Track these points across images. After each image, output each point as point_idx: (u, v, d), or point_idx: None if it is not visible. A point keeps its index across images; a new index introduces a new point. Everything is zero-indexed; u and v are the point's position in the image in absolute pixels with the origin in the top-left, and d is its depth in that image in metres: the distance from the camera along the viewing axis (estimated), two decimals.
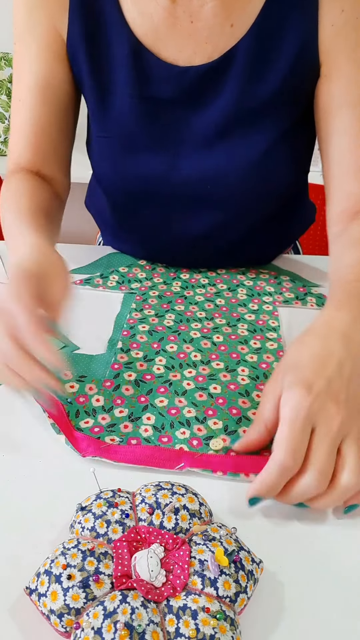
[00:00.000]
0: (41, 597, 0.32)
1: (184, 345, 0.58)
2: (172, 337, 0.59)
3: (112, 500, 0.37)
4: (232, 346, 0.58)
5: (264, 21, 0.55)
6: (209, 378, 0.53)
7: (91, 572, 0.32)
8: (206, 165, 0.61)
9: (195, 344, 0.58)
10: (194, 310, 0.65)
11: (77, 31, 0.58)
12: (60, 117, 0.64)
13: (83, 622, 0.30)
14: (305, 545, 0.39)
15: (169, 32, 0.56)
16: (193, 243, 0.71)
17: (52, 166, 0.67)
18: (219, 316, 0.64)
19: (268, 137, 0.60)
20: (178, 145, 0.62)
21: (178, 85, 0.58)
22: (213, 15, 0.55)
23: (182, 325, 0.61)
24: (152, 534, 0.35)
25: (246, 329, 0.61)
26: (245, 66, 0.56)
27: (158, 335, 0.60)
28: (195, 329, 0.61)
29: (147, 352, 0.57)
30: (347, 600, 0.36)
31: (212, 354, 0.57)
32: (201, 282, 0.71)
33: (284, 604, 0.35)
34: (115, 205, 0.71)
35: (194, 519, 0.36)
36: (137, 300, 0.66)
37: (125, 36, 0.57)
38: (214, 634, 0.30)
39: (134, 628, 0.29)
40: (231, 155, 0.60)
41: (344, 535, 0.40)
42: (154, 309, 0.64)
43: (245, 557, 0.34)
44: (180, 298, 0.67)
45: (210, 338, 0.59)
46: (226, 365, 0.55)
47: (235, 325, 0.62)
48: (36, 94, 0.62)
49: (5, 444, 0.46)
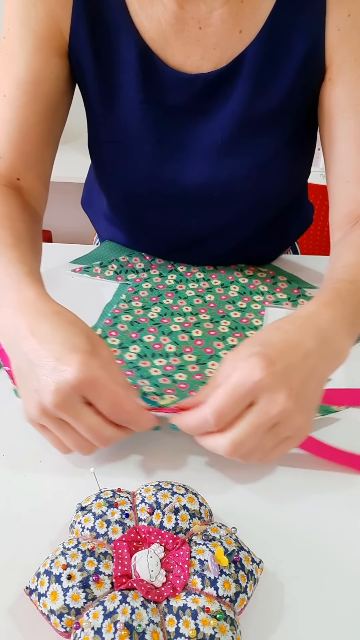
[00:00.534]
0: (41, 597, 0.32)
1: (161, 337, 0.59)
2: (153, 328, 0.60)
3: (112, 500, 0.37)
4: (209, 341, 0.58)
5: (272, 27, 0.54)
6: (177, 368, 0.54)
7: (91, 572, 0.32)
8: (213, 172, 0.61)
9: (173, 337, 0.59)
10: (182, 304, 0.65)
11: (81, 31, 0.56)
12: (49, 118, 0.59)
13: (83, 622, 0.30)
14: (306, 545, 0.39)
15: (177, 38, 0.56)
16: (194, 245, 0.71)
17: (33, 175, 0.60)
18: (205, 312, 0.64)
19: (275, 142, 0.60)
20: (185, 151, 0.61)
21: (187, 92, 0.58)
22: (222, 21, 0.55)
23: (165, 319, 0.62)
24: (152, 534, 0.35)
25: (228, 326, 0.61)
26: (253, 72, 0.56)
27: (139, 326, 0.60)
28: (177, 323, 0.61)
29: (124, 341, 0.58)
30: (347, 600, 0.36)
31: (187, 347, 0.57)
32: (196, 277, 0.71)
33: (284, 604, 0.35)
34: (118, 208, 0.71)
35: (194, 519, 0.36)
36: (129, 291, 0.67)
37: (133, 40, 0.56)
38: (214, 634, 0.30)
39: (134, 628, 0.29)
40: (239, 162, 0.60)
41: (345, 535, 0.40)
42: (143, 301, 0.65)
43: (245, 557, 0.34)
44: (171, 292, 0.67)
45: (189, 332, 0.60)
46: (198, 358, 0.56)
47: (218, 322, 0.62)
48: (26, 90, 0.56)
49: (5, 444, 0.46)
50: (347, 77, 0.55)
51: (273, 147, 0.60)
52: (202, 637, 0.30)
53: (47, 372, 0.38)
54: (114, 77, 0.58)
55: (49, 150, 0.61)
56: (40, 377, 0.38)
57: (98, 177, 0.70)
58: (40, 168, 0.61)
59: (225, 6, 0.54)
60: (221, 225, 0.67)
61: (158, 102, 0.59)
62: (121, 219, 0.73)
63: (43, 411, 0.39)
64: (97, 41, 0.57)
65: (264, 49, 0.55)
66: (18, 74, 0.56)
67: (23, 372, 0.40)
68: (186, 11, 0.55)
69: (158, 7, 0.55)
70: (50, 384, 0.37)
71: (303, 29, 0.54)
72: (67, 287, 0.68)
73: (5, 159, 0.58)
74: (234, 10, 0.54)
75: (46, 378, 0.37)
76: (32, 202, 0.61)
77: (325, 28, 0.54)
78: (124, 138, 0.61)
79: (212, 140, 0.60)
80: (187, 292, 0.67)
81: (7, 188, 0.58)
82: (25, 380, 0.40)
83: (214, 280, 0.70)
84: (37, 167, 0.61)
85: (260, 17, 0.55)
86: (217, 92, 0.58)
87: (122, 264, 0.72)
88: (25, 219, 0.56)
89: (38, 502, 0.41)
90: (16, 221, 0.53)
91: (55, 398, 0.37)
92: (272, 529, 0.40)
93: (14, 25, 0.56)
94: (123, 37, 0.56)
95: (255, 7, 0.54)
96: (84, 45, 0.57)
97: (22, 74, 0.56)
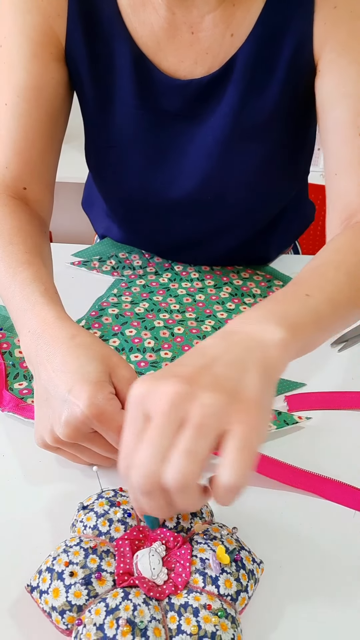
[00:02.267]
0: (43, 594, 0.32)
1: (142, 331, 0.59)
2: (136, 322, 0.61)
3: (114, 500, 0.37)
4: (189, 339, 0.59)
5: (263, 28, 0.55)
6: (151, 365, 0.54)
7: (93, 569, 0.32)
8: (208, 176, 0.61)
9: (154, 332, 0.59)
10: (170, 302, 0.65)
11: (77, 37, 0.56)
12: (52, 124, 0.59)
13: (85, 618, 0.30)
14: (306, 546, 0.39)
15: (170, 43, 0.56)
16: (192, 246, 0.71)
17: (39, 184, 0.60)
18: (192, 310, 0.64)
19: (270, 144, 0.60)
20: (180, 156, 0.62)
21: (181, 98, 0.59)
22: (214, 25, 0.55)
23: (151, 314, 0.62)
24: (153, 533, 0.35)
25: (211, 326, 0.61)
26: (245, 74, 0.56)
27: (123, 320, 0.61)
28: (161, 319, 0.62)
29: (105, 333, 0.58)
30: (346, 600, 0.36)
31: (166, 344, 0.58)
32: (191, 276, 0.71)
33: (284, 604, 0.35)
34: (116, 211, 0.72)
35: (196, 519, 0.36)
36: (122, 286, 0.68)
37: (126, 45, 0.57)
38: (215, 631, 0.30)
39: (136, 624, 0.30)
40: (233, 165, 0.61)
41: (344, 535, 0.40)
42: (133, 296, 0.66)
43: (246, 556, 0.34)
44: (163, 289, 0.68)
45: (171, 329, 0.60)
46: (174, 355, 0.56)
47: (202, 321, 0.62)
48: (27, 97, 0.56)
49: (5, 444, 0.46)
50: (334, 68, 0.54)
51: (268, 148, 0.60)
52: (203, 634, 0.30)
53: (60, 403, 0.39)
54: (109, 82, 0.59)
55: (53, 156, 0.61)
56: (54, 406, 0.39)
57: (95, 181, 0.71)
58: (46, 176, 0.61)
59: (217, 10, 0.54)
60: (218, 228, 0.68)
61: (152, 107, 0.59)
62: (119, 220, 0.74)
63: (56, 440, 0.40)
64: (92, 47, 0.57)
65: (255, 51, 0.55)
66: (18, 82, 0.56)
67: (41, 399, 0.42)
68: (178, 16, 0.55)
69: (150, 13, 0.55)
70: (62, 414, 0.38)
71: (293, 27, 0.54)
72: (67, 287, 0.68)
73: (11, 169, 0.58)
74: (225, 13, 0.54)
75: (59, 408, 0.39)
76: (39, 211, 0.61)
77: (313, 23, 0.53)
78: (119, 143, 0.62)
79: (206, 144, 0.60)
80: (178, 291, 0.68)
81: (15, 200, 0.58)
82: (42, 407, 0.41)
83: (208, 280, 0.70)
84: (43, 175, 0.60)
85: (250, 19, 0.55)
86: (210, 96, 0.58)
87: (121, 259, 0.73)
88: (36, 231, 0.55)
89: (39, 502, 0.41)
90: (28, 235, 0.53)
91: (65, 430, 0.38)
92: (273, 530, 0.40)
93: (10, 33, 0.56)
94: (117, 42, 0.57)
95: (246, 9, 0.54)
96: (79, 51, 0.57)
97: (22, 81, 0.56)
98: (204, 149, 0.61)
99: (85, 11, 0.56)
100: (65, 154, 0.75)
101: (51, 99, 0.58)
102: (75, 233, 1.78)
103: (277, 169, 0.62)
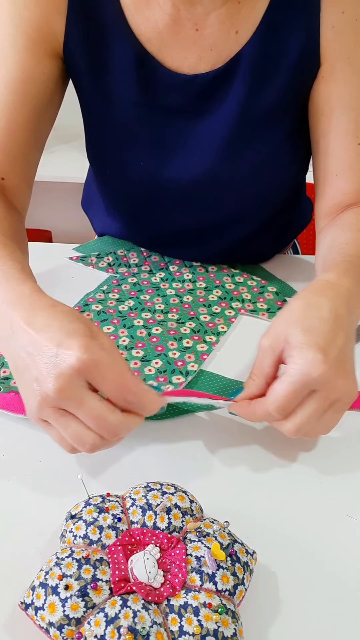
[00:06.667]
0: (38, 610, 0.31)
1: (120, 329, 0.59)
2: (116, 320, 0.60)
3: (103, 506, 0.37)
4: (164, 340, 0.58)
5: (268, 25, 0.55)
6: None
7: (88, 579, 0.32)
8: (212, 172, 0.61)
9: (131, 331, 0.59)
10: (157, 302, 0.65)
11: (76, 34, 0.56)
12: (37, 119, 0.59)
13: (85, 631, 0.30)
14: (301, 536, 0.40)
15: (174, 39, 0.56)
16: (194, 242, 0.71)
17: (18, 176, 0.60)
18: (176, 311, 0.63)
19: (273, 140, 0.61)
20: (183, 152, 0.61)
21: (184, 94, 0.58)
22: (219, 22, 0.55)
23: (133, 313, 0.62)
24: (146, 536, 0.35)
25: (190, 328, 0.60)
26: (249, 71, 0.56)
27: (104, 317, 0.61)
28: (142, 318, 0.61)
29: None
30: (343, 591, 0.37)
31: (140, 343, 0.57)
32: (184, 277, 0.70)
33: (279, 593, 0.36)
34: (117, 207, 0.71)
35: (187, 517, 0.36)
36: (113, 283, 0.67)
37: (129, 42, 0.56)
38: (217, 628, 0.30)
39: (138, 631, 0.29)
40: (237, 161, 0.61)
41: (341, 528, 0.41)
42: (121, 294, 0.65)
43: (240, 549, 0.35)
44: (152, 288, 0.67)
45: (149, 329, 0.60)
46: (145, 355, 0.56)
47: (183, 323, 0.61)
48: (16, 90, 0.56)
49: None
50: (339, 75, 0.56)
51: (271, 145, 0.61)
52: (206, 633, 0.30)
53: (48, 359, 0.36)
54: (109, 79, 0.58)
55: (35, 151, 0.61)
56: (41, 365, 0.37)
57: (96, 178, 0.70)
58: (26, 169, 0.61)
59: (223, 7, 0.54)
60: (221, 223, 0.68)
61: (156, 103, 0.59)
62: (120, 216, 0.73)
63: (44, 401, 0.37)
64: (92, 44, 0.57)
65: (259, 48, 0.56)
66: (8, 74, 0.56)
67: (21, 367, 0.39)
68: (183, 13, 0.55)
69: (155, 10, 0.55)
70: (52, 370, 0.36)
71: (298, 27, 0.55)
72: (66, 286, 0.67)
73: None
74: (231, 11, 0.55)
75: (47, 365, 0.36)
76: (15, 202, 0.60)
77: (320, 25, 0.54)
78: (121, 140, 0.61)
79: (210, 140, 0.60)
80: (167, 291, 0.67)
81: None
82: (24, 374, 0.39)
83: (200, 282, 0.69)
84: (23, 167, 0.61)
85: (255, 17, 0.55)
86: (215, 92, 0.58)
87: (119, 257, 0.72)
88: (11, 218, 0.55)
89: (23, 511, 0.40)
90: (3, 220, 0.53)
91: (58, 383, 0.36)
92: (266, 521, 0.40)
93: (5, 26, 0.56)
94: (119, 39, 0.56)
95: (251, 7, 0.55)
96: (79, 49, 0.57)
97: (12, 73, 0.56)
98: (208, 144, 0.60)
99: (85, 8, 0.56)
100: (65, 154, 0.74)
101: (39, 94, 0.58)
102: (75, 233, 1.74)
103: (280, 165, 0.63)
